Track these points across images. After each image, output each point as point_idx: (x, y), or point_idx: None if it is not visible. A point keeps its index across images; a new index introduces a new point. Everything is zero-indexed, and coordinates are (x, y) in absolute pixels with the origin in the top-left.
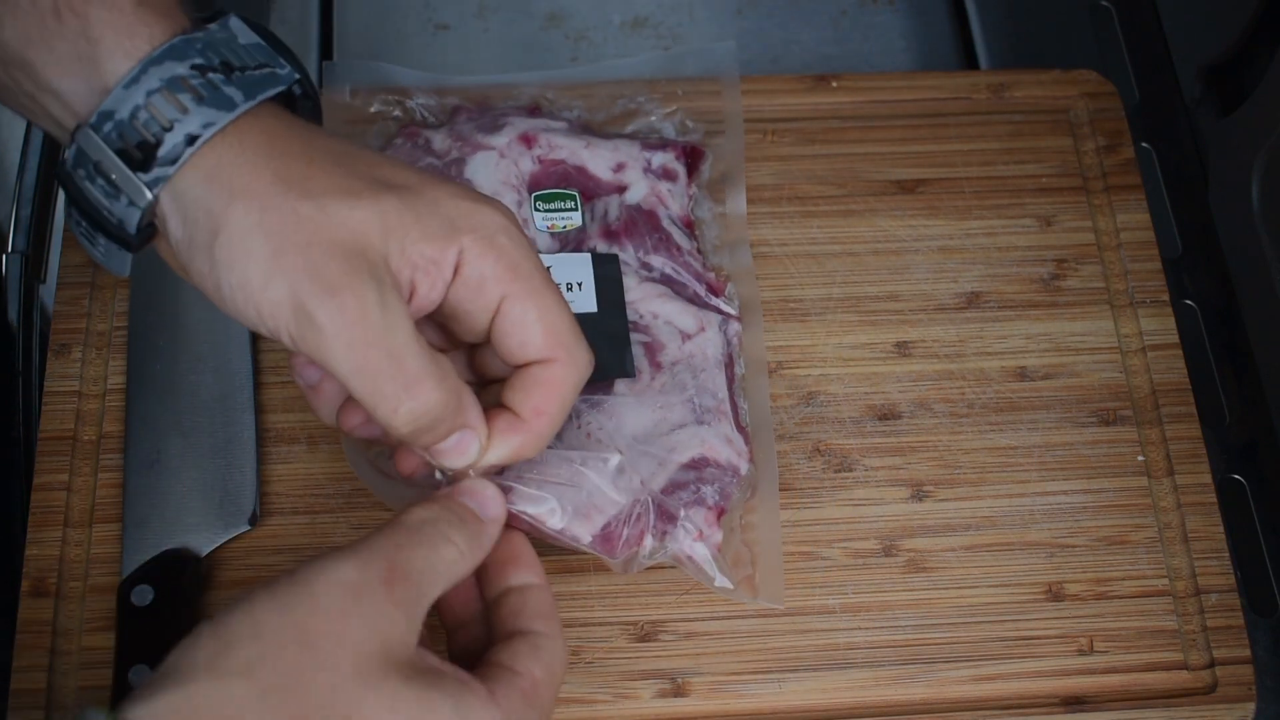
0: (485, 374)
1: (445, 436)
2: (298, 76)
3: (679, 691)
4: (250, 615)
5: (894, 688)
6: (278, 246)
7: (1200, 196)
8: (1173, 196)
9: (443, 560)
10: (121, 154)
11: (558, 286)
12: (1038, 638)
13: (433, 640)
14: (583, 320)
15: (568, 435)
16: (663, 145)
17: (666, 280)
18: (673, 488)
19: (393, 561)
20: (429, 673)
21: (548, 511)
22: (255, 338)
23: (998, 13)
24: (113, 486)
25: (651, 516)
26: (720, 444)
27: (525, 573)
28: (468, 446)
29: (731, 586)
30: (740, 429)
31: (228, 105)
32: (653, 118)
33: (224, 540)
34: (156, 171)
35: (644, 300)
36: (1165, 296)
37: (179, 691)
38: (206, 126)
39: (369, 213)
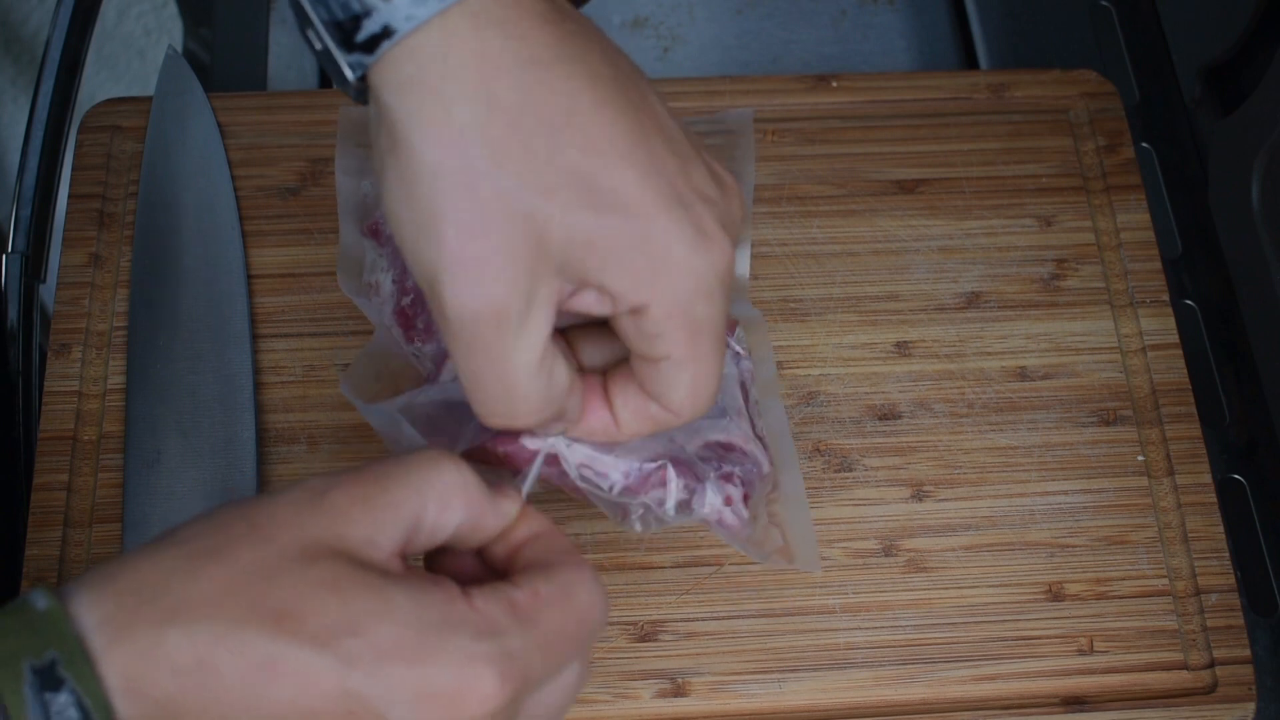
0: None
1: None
2: None
3: (679, 691)
4: (208, 512)
5: (894, 688)
6: (439, 210)
7: (1200, 196)
8: (1173, 196)
9: (432, 512)
10: (330, 26)
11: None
12: (1038, 638)
13: None
14: None
15: None
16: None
17: None
18: (702, 458)
19: (376, 478)
20: (390, 572)
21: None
22: (255, 337)
23: (998, 13)
24: (113, 486)
25: (681, 468)
26: (744, 436)
27: (530, 523)
28: (549, 432)
29: (763, 553)
30: (758, 437)
31: None
32: None
33: None
34: (357, 56)
35: None
36: (1165, 296)
37: (114, 562)
38: (408, 19)
39: (558, 221)
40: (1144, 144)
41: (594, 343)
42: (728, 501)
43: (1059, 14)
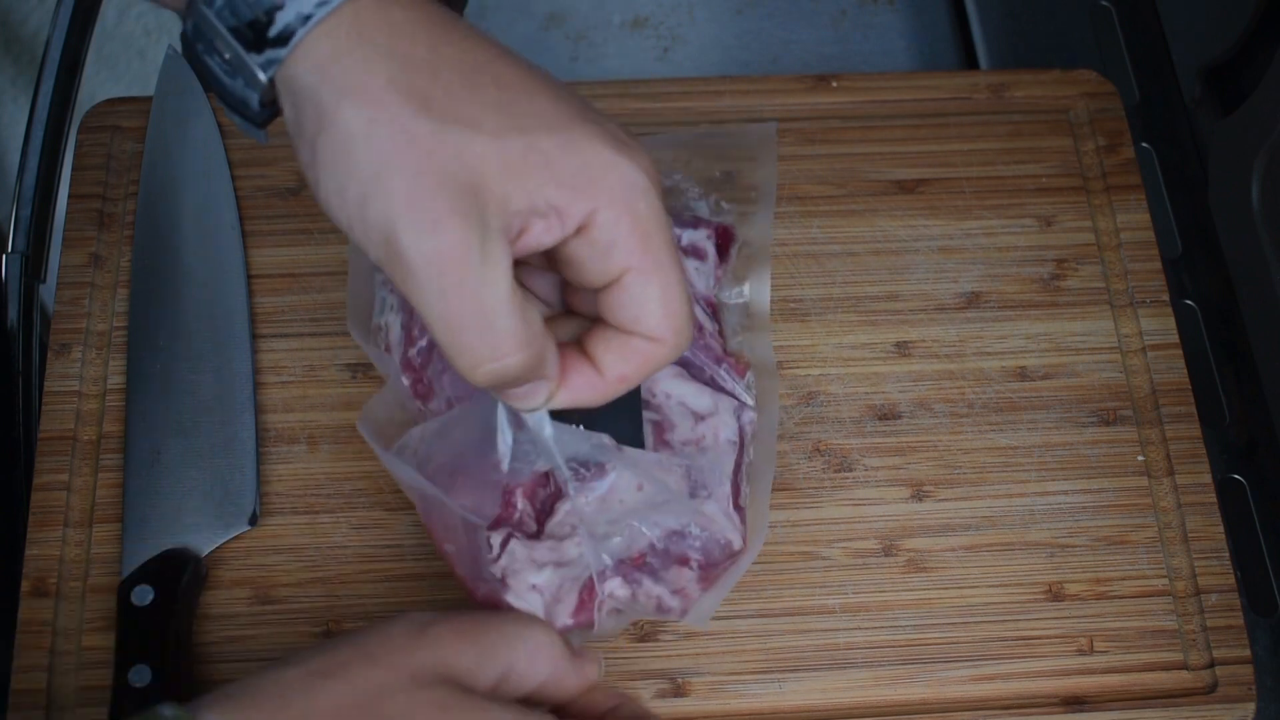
0: (573, 307)
1: (519, 386)
2: None
3: (679, 691)
4: (320, 642)
5: (894, 688)
6: (382, 165)
7: (1200, 196)
8: (1173, 196)
9: (522, 663)
10: (235, 32)
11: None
12: (1038, 638)
13: None
14: None
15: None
16: (694, 223)
17: (684, 361)
18: (651, 553)
19: (475, 621)
20: (493, 702)
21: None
22: (255, 337)
23: (998, 13)
24: (113, 486)
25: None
26: (713, 516)
27: (613, 695)
28: (538, 394)
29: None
30: (738, 508)
31: None
32: (687, 195)
33: (224, 540)
34: (269, 53)
35: (658, 380)
36: (1165, 296)
37: (237, 683)
38: (320, 5)
39: (491, 148)
40: (1144, 144)
41: (559, 323)
42: (681, 593)
43: (1059, 14)
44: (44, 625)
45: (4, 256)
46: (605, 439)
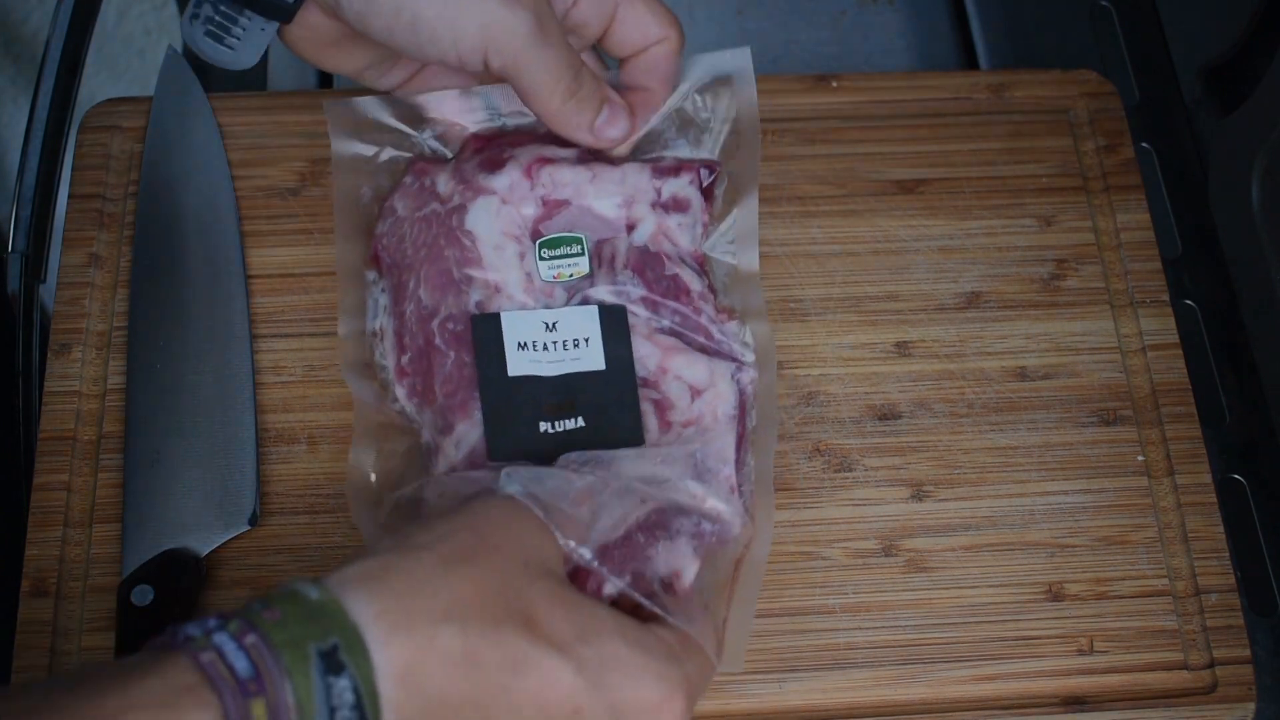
0: None
1: (600, 109)
2: None
3: None
4: (421, 521)
5: (894, 688)
6: None
7: (1200, 196)
8: (1173, 196)
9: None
10: None
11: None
12: (1038, 638)
13: None
14: (589, 379)
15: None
16: (675, 170)
17: (675, 331)
18: (650, 527)
19: (542, 501)
20: (580, 592)
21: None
22: (255, 337)
23: (998, 13)
24: (113, 486)
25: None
26: (716, 500)
27: None
28: (619, 117)
29: (693, 625)
30: (740, 491)
31: None
32: (665, 135)
33: (224, 540)
34: None
35: (653, 355)
36: (1165, 296)
37: (369, 558)
38: None
39: None
40: (1144, 144)
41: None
42: (674, 576)
43: (1059, 14)
44: (44, 625)
45: (4, 256)
46: (600, 462)
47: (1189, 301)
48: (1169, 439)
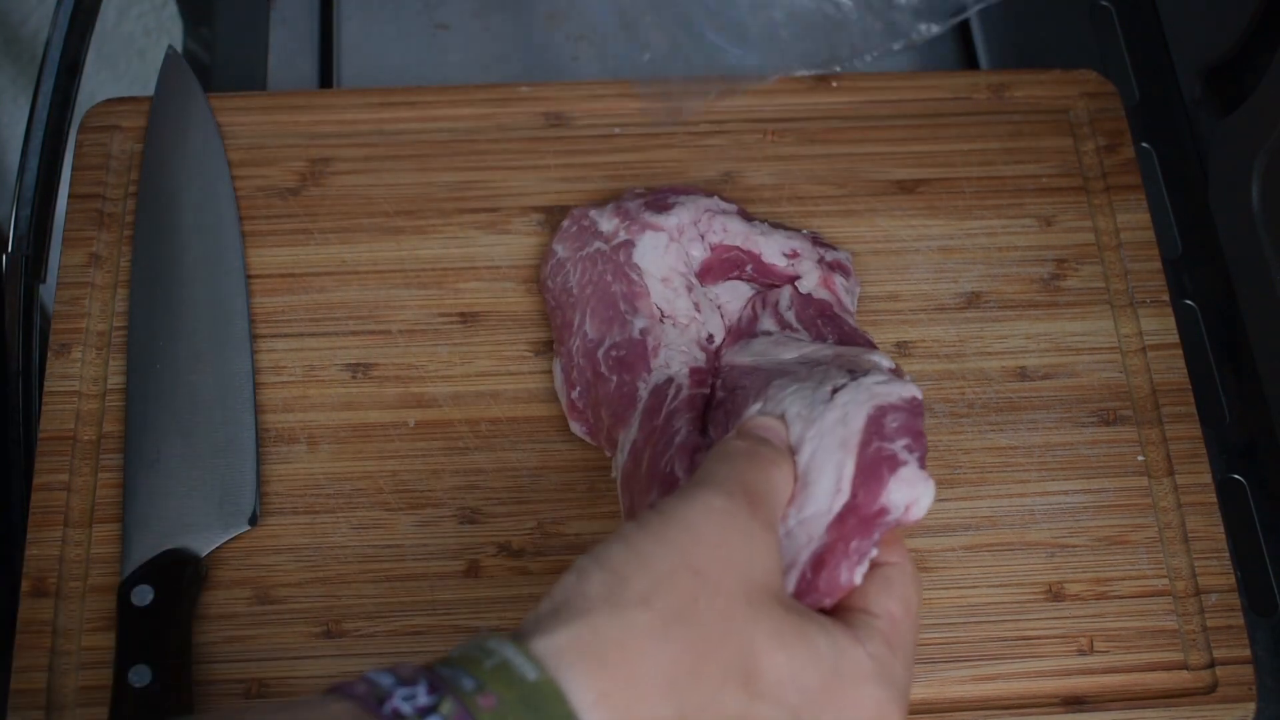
0: None
1: None
2: None
3: None
4: (631, 548)
5: None
6: None
7: (1200, 196)
8: (1173, 196)
9: (778, 483)
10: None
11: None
12: (1038, 638)
13: None
14: None
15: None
16: (834, 245)
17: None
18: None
19: (747, 485)
20: (796, 606)
21: None
22: (255, 337)
23: (998, 13)
24: (113, 486)
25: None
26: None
27: None
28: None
29: None
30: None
31: None
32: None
33: (224, 540)
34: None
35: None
36: (1165, 296)
37: (581, 623)
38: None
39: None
40: (1144, 144)
41: None
42: (908, 508)
43: (1059, 14)
44: (44, 625)
45: (4, 256)
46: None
47: (1189, 301)
48: (1169, 439)
